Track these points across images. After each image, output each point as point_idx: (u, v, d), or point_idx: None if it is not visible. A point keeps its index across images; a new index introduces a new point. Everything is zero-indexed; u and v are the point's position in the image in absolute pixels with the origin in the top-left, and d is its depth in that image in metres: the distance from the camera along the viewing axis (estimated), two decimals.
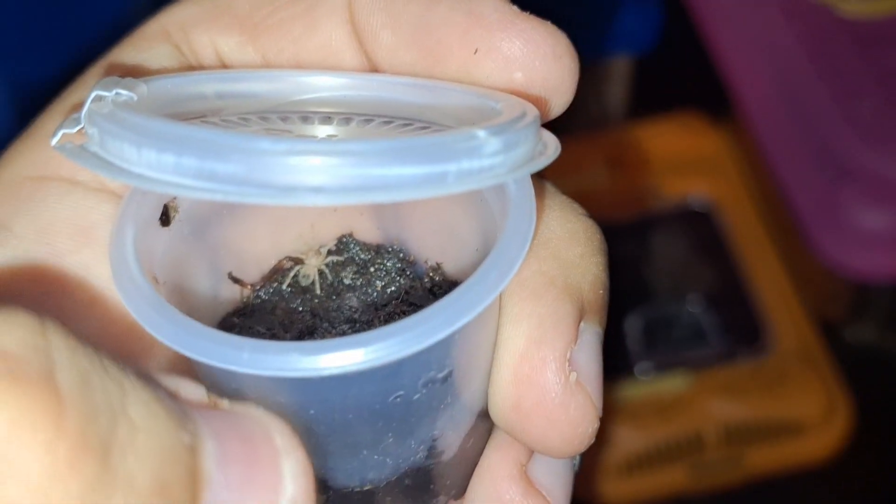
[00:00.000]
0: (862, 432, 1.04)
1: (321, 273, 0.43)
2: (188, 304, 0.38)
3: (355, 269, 0.43)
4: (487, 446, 0.40)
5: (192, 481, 0.27)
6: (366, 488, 0.38)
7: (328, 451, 0.37)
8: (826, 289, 1.10)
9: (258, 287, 0.43)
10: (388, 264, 0.43)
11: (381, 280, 0.43)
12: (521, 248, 0.35)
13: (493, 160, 0.33)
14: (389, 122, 0.40)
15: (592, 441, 0.38)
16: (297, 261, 0.43)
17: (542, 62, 0.38)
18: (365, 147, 0.31)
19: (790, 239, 1.10)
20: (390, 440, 0.37)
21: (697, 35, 1.15)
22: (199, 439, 0.28)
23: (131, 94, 0.34)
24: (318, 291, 0.43)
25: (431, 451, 0.38)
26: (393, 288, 0.43)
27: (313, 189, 0.30)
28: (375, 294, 0.43)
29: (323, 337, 0.40)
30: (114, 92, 0.34)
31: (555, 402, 0.36)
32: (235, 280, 0.42)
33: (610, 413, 1.02)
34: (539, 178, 0.39)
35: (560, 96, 0.39)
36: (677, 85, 1.25)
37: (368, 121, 0.40)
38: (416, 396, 0.36)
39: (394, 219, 0.44)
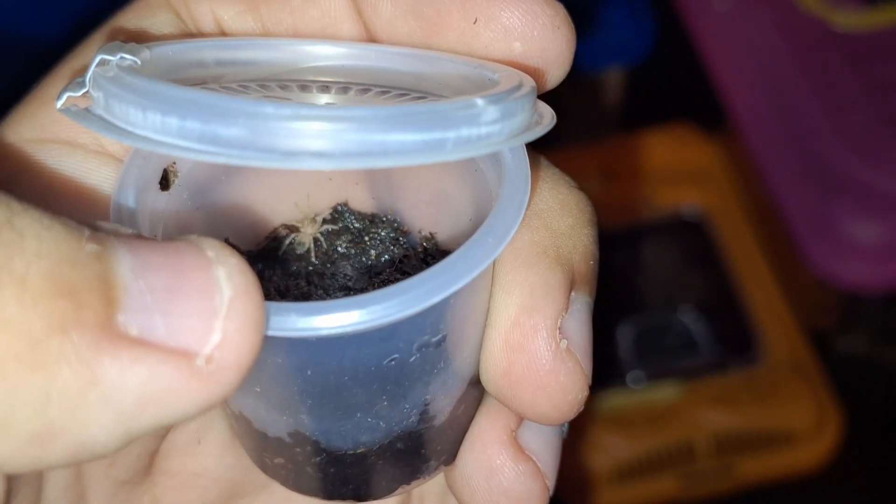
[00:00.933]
0: (852, 443, 1.04)
1: (316, 241, 0.43)
2: None
3: (350, 237, 0.44)
4: (478, 413, 0.41)
5: (104, 286, 0.27)
6: (359, 451, 0.38)
7: (323, 413, 0.37)
8: (817, 299, 1.11)
9: (254, 253, 0.43)
10: (382, 233, 0.44)
11: (376, 249, 0.43)
12: (517, 216, 0.35)
13: (490, 128, 0.33)
14: (386, 92, 0.41)
15: (581, 409, 0.38)
16: (293, 228, 0.44)
17: (541, 32, 0.38)
18: (366, 113, 0.31)
19: (781, 250, 1.11)
20: (384, 403, 0.37)
21: (690, 47, 1.16)
22: (110, 249, 0.28)
23: (135, 58, 0.35)
24: (314, 259, 0.43)
25: (423, 415, 0.38)
26: (387, 257, 0.43)
27: (315, 153, 0.31)
28: (370, 262, 0.43)
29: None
30: (118, 56, 0.34)
31: (545, 368, 0.37)
32: (232, 246, 0.42)
33: (601, 422, 1.03)
34: (533, 150, 0.39)
35: (557, 67, 0.39)
36: (670, 96, 1.25)
37: (365, 90, 0.41)
38: (411, 360, 0.36)
39: (388, 189, 0.45)
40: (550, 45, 0.38)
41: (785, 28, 1.11)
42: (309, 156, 0.31)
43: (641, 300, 1.13)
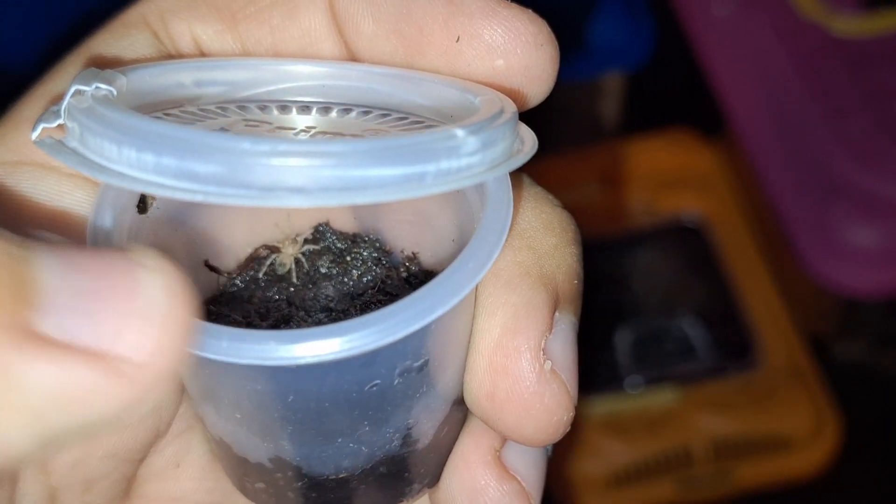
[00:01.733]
0: (850, 448, 1.04)
1: (297, 261, 0.43)
2: None
3: (331, 258, 0.43)
4: (461, 433, 0.40)
5: (20, 286, 0.27)
6: (341, 476, 0.38)
7: (304, 439, 0.37)
8: (816, 305, 1.11)
9: (234, 275, 0.43)
10: (364, 254, 0.43)
11: (358, 269, 0.43)
12: (498, 240, 0.35)
13: (471, 159, 0.33)
14: (368, 112, 0.40)
15: (567, 430, 0.38)
16: (274, 249, 0.43)
17: (524, 49, 0.38)
18: (344, 148, 0.31)
19: (780, 255, 1.11)
20: (366, 428, 0.37)
21: (690, 52, 1.16)
22: (32, 252, 0.27)
23: (110, 87, 0.34)
24: (295, 280, 0.43)
25: (406, 439, 0.38)
26: (369, 277, 0.42)
27: (294, 189, 0.30)
28: (351, 283, 0.42)
29: (299, 325, 0.40)
30: (93, 86, 0.34)
31: (529, 390, 0.36)
32: (211, 268, 0.42)
33: (598, 426, 1.03)
34: (516, 169, 0.39)
35: (540, 84, 0.39)
36: (670, 102, 1.25)
37: (347, 111, 0.40)
38: (393, 385, 0.36)
39: (370, 209, 0.44)
40: (534, 63, 0.38)
41: (784, 33, 1.11)
42: (287, 192, 0.30)
43: (640, 305, 1.13)
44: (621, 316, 1.11)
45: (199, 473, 0.43)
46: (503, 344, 0.36)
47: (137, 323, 0.28)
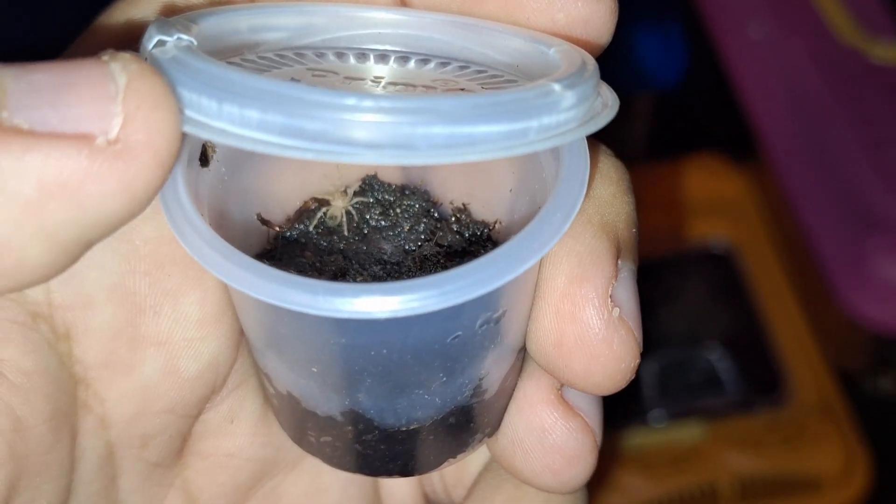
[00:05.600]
0: (881, 489, 1.01)
1: (348, 214, 0.43)
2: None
3: (380, 210, 0.43)
4: (521, 378, 0.41)
5: None
6: (412, 427, 0.38)
7: (382, 391, 0.37)
8: (847, 339, 1.08)
9: (286, 228, 0.43)
10: (414, 206, 0.43)
11: (407, 221, 0.43)
12: (580, 191, 0.35)
13: (568, 114, 0.32)
14: (446, 64, 0.40)
15: (633, 377, 0.38)
16: (323, 202, 0.43)
17: (584, 3, 0.38)
18: (453, 104, 0.30)
19: (811, 287, 1.08)
20: (442, 379, 0.37)
21: (723, 75, 1.14)
22: None
23: (191, 38, 0.33)
24: (346, 232, 0.43)
25: (477, 389, 0.38)
26: (419, 229, 0.43)
27: (402, 147, 0.30)
28: (402, 236, 0.43)
29: (355, 279, 0.40)
30: (175, 36, 0.33)
31: (598, 337, 0.37)
32: (264, 221, 0.42)
33: (621, 461, 1.00)
34: None
35: (599, 37, 0.39)
36: (701, 125, 1.23)
37: (425, 61, 0.40)
38: (473, 336, 0.36)
39: None
40: (594, 16, 0.38)
41: (821, 58, 1.08)
42: (395, 149, 0.30)
43: (665, 334, 1.10)
44: (646, 344, 1.08)
45: (251, 428, 0.43)
46: (570, 292, 0.37)
47: (112, 105, 0.29)
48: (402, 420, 0.38)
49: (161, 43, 0.33)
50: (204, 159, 0.37)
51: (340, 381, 0.37)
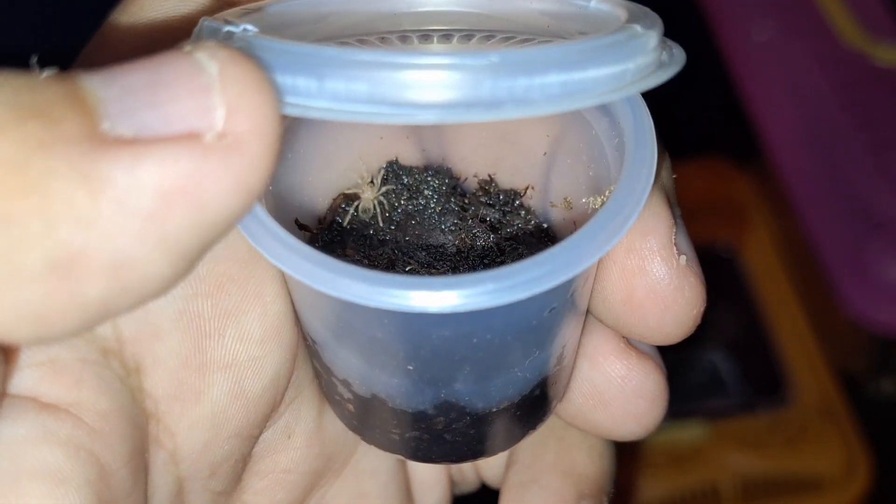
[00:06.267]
0: (883, 491, 1.01)
1: (379, 204, 0.43)
2: None
3: (407, 194, 0.43)
4: (582, 337, 0.41)
5: (74, 101, 0.26)
6: (503, 406, 0.38)
7: (478, 376, 0.36)
8: (849, 341, 1.08)
9: (323, 228, 0.42)
10: (440, 185, 0.43)
11: (436, 202, 0.43)
12: (653, 160, 0.35)
13: (653, 55, 0.32)
14: (510, 38, 0.39)
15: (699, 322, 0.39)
16: (352, 196, 0.43)
17: None
18: (562, 52, 0.30)
19: (814, 289, 1.08)
20: (535, 354, 0.37)
21: (726, 77, 1.14)
22: (79, 75, 0.27)
23: (256, 27, 0.33)
24: (381, 223, 0.42)
25: (560, 357, 0.38)
26: (451, 207, 0.43)
27: (521, 101, 0.30)
28: (436, 216, 0.43)
29: (404, 268, 0.40)
30: (241, 27, 0.32)
31: (670, 287, 0.37)
32: (301, 226, 0.42)
33: (624, 461, 1.00)
34: None
35: None
36: (703, 127, 1.23)
37: (489, 37, 0.40)
38: (564, 306, 0.36)
39: (436, 139, 0.44)
40: None
41: (825, 61, 1.08)
42: (514, 104, 0.30)
43: None
44: None
45: (307, 441, 0.43)
46: (635, 246, 0.37)
47: (211, 96, 0.27)
48: (493, 401, 0.38)
49: (229, 35, 0.32)
50: None
51: (439, 374, 0.36)
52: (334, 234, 0.42)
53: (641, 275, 0.37)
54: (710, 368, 1.07)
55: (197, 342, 0.36)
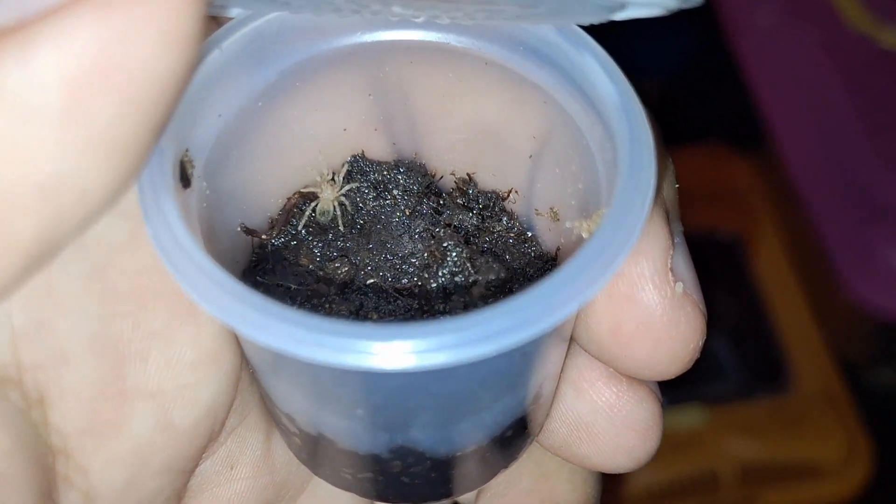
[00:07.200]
0: (883, 478, 1.01)
1: (340, 205, 0.37)
2: None
3: (374, 193, 0.38)
4: (566, 360, 0.36)
5: None
6: (468, 450, 0.34)
7: (439, 423, 0.33)
8: (851, 329, 1.07)
9: (273, 234, 0.37)
10: (411, 184, 0.38)
11: (407, 203, 0.38)
12: (648, 185, 0.30)
13: None
14: None
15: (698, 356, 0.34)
16: (309, 196, 0.37)
17: None
18: None
19: (816, 276, 1.07)
20: (506, 397, 0.33)
21: (729, 62, 1.13)
22: None
23: None
24: (341, 228, 0.37)
25: (536, 395, 0.34)
26: (422, 210, 0.38)
27: None
28: (405, 220, 0.38)
29: (365, 282, 0.36)
30: None
31: (663, 319, 0.32)
32: (248, 231, 0.37)
33: None
34: None
35: None
36: (706, 112, 1.22)
37: None
38: (540, 346, 0.32)
39: (409, 132, 0.39)
40: None
41: (830, 46, 1.07)
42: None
43: None
44: None
45: (253, 471, 0.39)
46: (624, 271, 0.32)
47: None
48: (457, 446, 0.34)
49: None
50: (185, 179, 0.32)
51: (392, 420, 0.33)
52: (287, 239, 0.38)
53: (630, 304, 0.32)
54: (710, 353, 1.06)
55: (114, 368, 0.32)
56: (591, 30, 0.35)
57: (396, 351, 0.27)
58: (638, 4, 0.30)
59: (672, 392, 1.01)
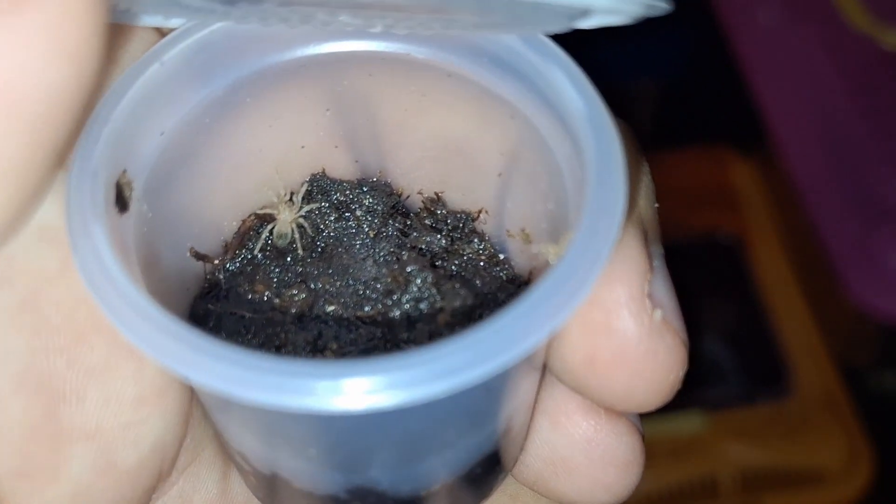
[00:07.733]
0: (884, 484, 1.00)
1: (299, 227, 0.36)
2: (159, 295, 0.32)
3: (336, 214, 0.36)
4: (541, 390, 0.34)
5: None
6: (432, 489, 0.33)
7: (400, 462, 0.32)
8: (852, 333, 1.06)
9: (226, 260, 0.36)
10: (375, 204, 0.37)
11: (370, 225, 0.36)
12: (617, 206, 0.28)
13: None
14: None
15: (679, 387, 0.32)
16: (266, 217, 0.36)
17: None
18: None
19: (817, 279, 1.06)
20: (470, 434, 0.32)
21: (730, 62, 1.12)
22: None
23: None
24: (300, 252, 0.36)
25: (505, 430, 0.33)
26: (388, 232, 0.36)
27: None
28: (369, 242, 0.36)
29: (325, 311, 0.34)
30: None
31: (640, 349, 0.30)
32: (198, 256, 0.35)
33: None
34: None
35: None
36: (707, 113, 1.21)
37: None
38: (506, 380, 0.30)
39: (373, 148, 0.37)
40: None
41: (832, 46, 1.07)
42: None
43: None
44: None
45: None
46: (599, 297, 0.30)
47: None
48: (421, 485, 0.33)
49: None
50: (122, 201, 0.30)
51: (348, 461, 0.32)
52: (242, 264, 0.36)
53: (605, 332, 0.30)
54: (710, 357, 1.05)
55: (48, 408, 0.30)
56: (587, 34, 0.33)
57: (343, 391, 0.25)
58: (602, 12, 0.28)
59: (672, 397, 1.00)
